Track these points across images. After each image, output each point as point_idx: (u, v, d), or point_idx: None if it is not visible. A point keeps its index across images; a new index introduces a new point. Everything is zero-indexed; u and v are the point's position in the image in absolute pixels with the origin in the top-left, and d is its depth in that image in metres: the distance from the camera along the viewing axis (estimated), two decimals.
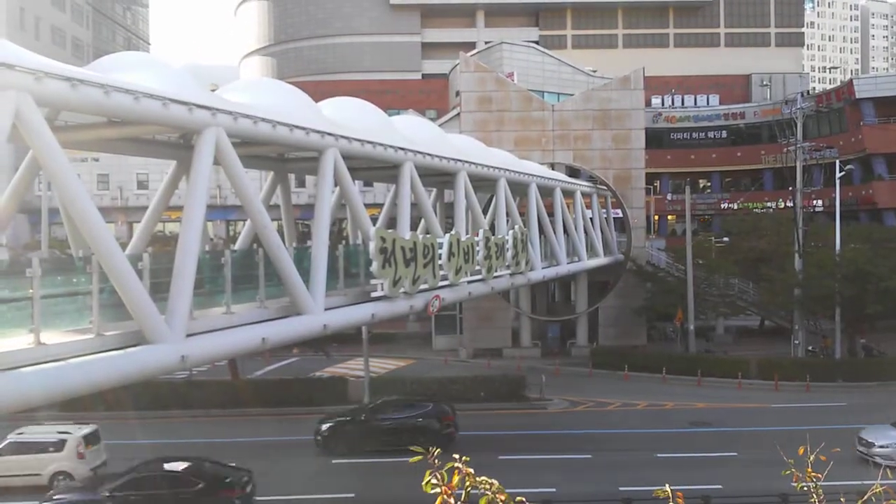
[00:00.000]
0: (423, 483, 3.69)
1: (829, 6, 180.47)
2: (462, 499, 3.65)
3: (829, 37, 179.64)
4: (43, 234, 35.94)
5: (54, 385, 10.10)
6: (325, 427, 24.53)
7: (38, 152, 10.42)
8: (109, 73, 11.93)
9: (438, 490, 3.62)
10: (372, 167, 22.01)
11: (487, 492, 3.67)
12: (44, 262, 10.67)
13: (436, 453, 3.81)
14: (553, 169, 40.99)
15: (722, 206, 61.53)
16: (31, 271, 9.99)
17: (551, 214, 32.86)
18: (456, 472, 3.64)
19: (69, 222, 13.36)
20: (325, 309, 15.90)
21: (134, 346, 11.45)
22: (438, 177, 25.75)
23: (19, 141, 10.44)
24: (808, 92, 63.98)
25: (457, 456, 3.69)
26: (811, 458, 4.90)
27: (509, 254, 25.07)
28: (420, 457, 3.84)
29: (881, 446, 22.35)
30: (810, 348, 39.78)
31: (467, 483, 3.63)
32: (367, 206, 25.31)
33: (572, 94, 48.79)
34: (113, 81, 11.07)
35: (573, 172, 45.76)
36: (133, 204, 55.54)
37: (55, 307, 11.02)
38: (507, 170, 27.98)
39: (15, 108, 9.56)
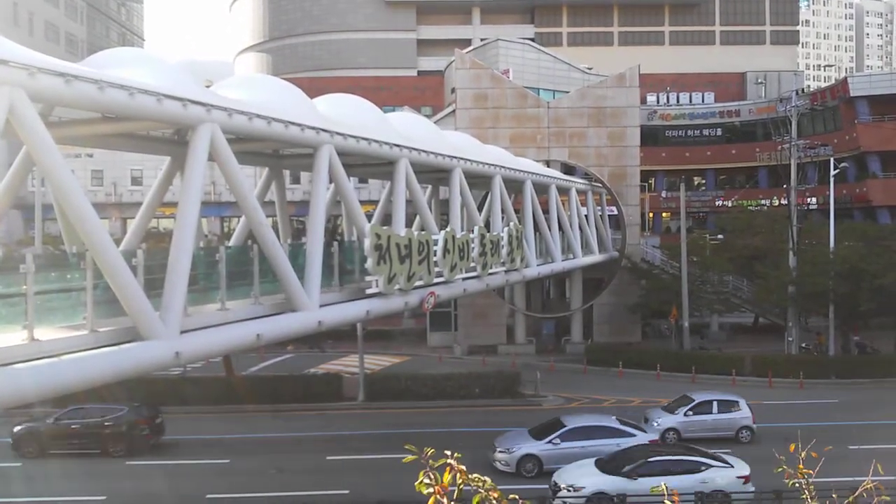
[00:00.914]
0: (416, 483, 3.67)
1: (823, 4, 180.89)
2: (454, 497, 3.64)
3: (824, 35, 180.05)
4: (37, 230, 35.78)
5: (48, 381, 10.09)
6: (17, 429, 24.23)
7: (31, 148, 10.39)
8: (104, 68, 11.89)
9: (431, 490, 3.60)
10: (367, 164, 22.03)
11: (480, 490, 3.67)
12: (37, 258, 10.65)
13: (430, 453, 3.75)
14: (548, 166, 41.04)
15: (716, 203, 61.57)
16: (24, 267, 9.97)
17: (546, 211, 32.88)
18: (448, 469, 3.63)
19: (63, 218, 13.34)
20: (320, 305, 15.90)
21: (128, 342, 11.44)
22: (434, 173, 25.76)
23: (13, 136, 10.41)
24: (802, 90, 64.05)
25: (448, 452, 3.68)
26: (803, 455, 4.92)
27: (504, 251, 25.09)
28: (414, 457, 3.83)
29: (500, 451, 22.20)
30: (804, 345, 39.92)
31: (459, 481, 3.62)
32: (362, 202, 25.25)
33: (568, 92, 48.80)
34: (107, 77, 11.04)
35: (568, 169, 45.81)
36: (127, 200, 55.38)
37: (49, 303, 11.00)
38: (503, 167, 27.99)
39: (9, 103, 9.52)
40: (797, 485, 4.75)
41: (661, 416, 25.67)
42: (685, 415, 25.63)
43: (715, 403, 26.03)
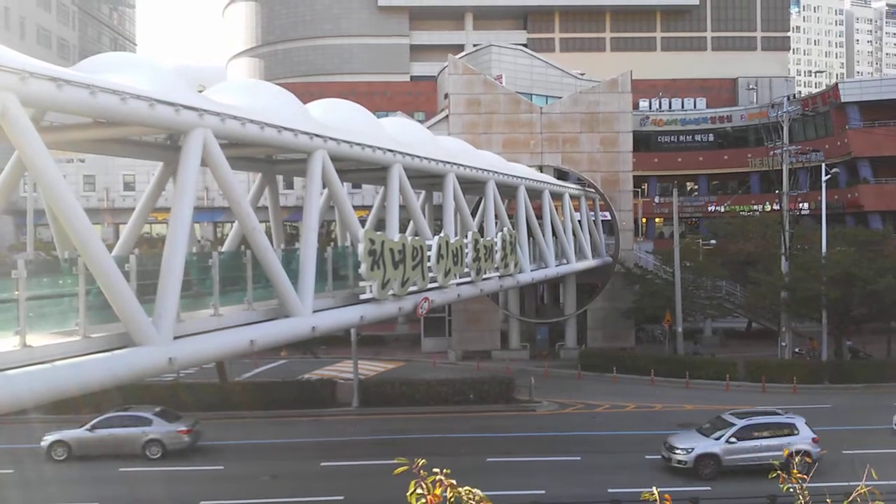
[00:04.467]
0: (408, 493, 3.63)
1: (814, 11, 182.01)
2: None
3: (815, 41, 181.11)
4: (28, 235, 35.66)
5: (43, 386, 10.02)
6: None
7: (23, 153, 10.33)
8: (96, 73, 11.85)
9: (424, 501, 3.57)
10: (360, 169, 22.00)
11: (472, 501, 3.64)
12: (29, 264, 10.59)
13: (420, 464, 3.74)
14: (541, 171, 41.10)
15: (709, 208, 61.81)
16: (16, 273, 9.91)
17: (540, 217, 32.92)
18: (438, 484, 3.59)
19: (55, 224, 13.27)
20: (314, 311, 15.85)
21: (120, 348, 11.37)
22: (427, 179, 25.76)
23: (4, 141, 10.35)
24: (794, 96, 64.43)
25: (437, 470, 3.65)
26: (797, 460, 4.92)
27: (498, 256, 25.09)
28: (405, 467, 3.80)
29: None
30: (797, 350, 40.02)
31: (450, 494, 3.59)
32: (356, 208, 25.26)
33: (560, 97, 48.90)
34: (99, 82, 10.99)
35: (561, 175, 45.89)
36: (119, 205, 55.22)
37: (41, 309, 10.93)
38: (496, 172, 28.02)
39: (0, 107, 9.47)
40: (791, 489, 4.75)
41: None
42: None
43: None
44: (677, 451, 22.35)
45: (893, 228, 49.87)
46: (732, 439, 22.26)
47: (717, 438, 22.39)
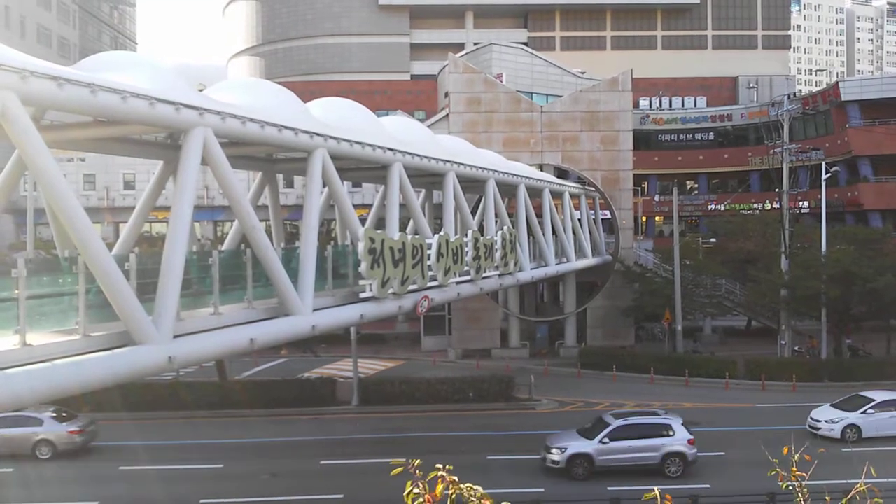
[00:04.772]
0: (405, 493, 3.62)
1: (815, 9, 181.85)
2: None
3: (816, 40, 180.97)
4: (29, 234, 35.67)
5: (42, 385, 10.04)
6: None
7: (23, 152, 10.33)
8: (96, 72, 11.85)
9: (421, 501, 3.58)
10: (361, 168, 22.01)
11: (472, 498, 3.64)
12: (29, 263, 10.60)
13: (416, 463, 3.74)
14: (541, 170, 41.10)
15: (709, 207, 61.81)
16: (16, 272, 9.92)
17: (540, 215, 32.92)
18: (440, 480, 3.60)
19: (55, 222, 13.28)
20: (314, 310, 15.86)
21: (120, 347, 11.39)
22: (427, 177, 25.77)
23: (4, 140, 10.36)
24: (794, 94, 64.43)
25: (440, 466, 3.65)
26: (796, 458, 4.93)
27: (498, 254, 25.10)
28: (401, 468, 3.80)
29: None
30: (796, 348, 40.05)
31: (451, 490, 3.60)
32: (356, 206, 25.25)
33: (561, 96, 48.91)
34: (100, 80, 11.00)
35: (561, 174, 45.90)
36: (120, 204, 55.25)
37: (41, 308, 10.94)
38: (496, 171, 28.02)
39: (0, 106, 9.48)
40: (790, 487, 4.76)
41: None
42: None
43: None
44: (552, 451, 22.16)
45: (893, 227, 49.92)
46: (606, 440, 22.00)
47: (592, 439, 22.22)
